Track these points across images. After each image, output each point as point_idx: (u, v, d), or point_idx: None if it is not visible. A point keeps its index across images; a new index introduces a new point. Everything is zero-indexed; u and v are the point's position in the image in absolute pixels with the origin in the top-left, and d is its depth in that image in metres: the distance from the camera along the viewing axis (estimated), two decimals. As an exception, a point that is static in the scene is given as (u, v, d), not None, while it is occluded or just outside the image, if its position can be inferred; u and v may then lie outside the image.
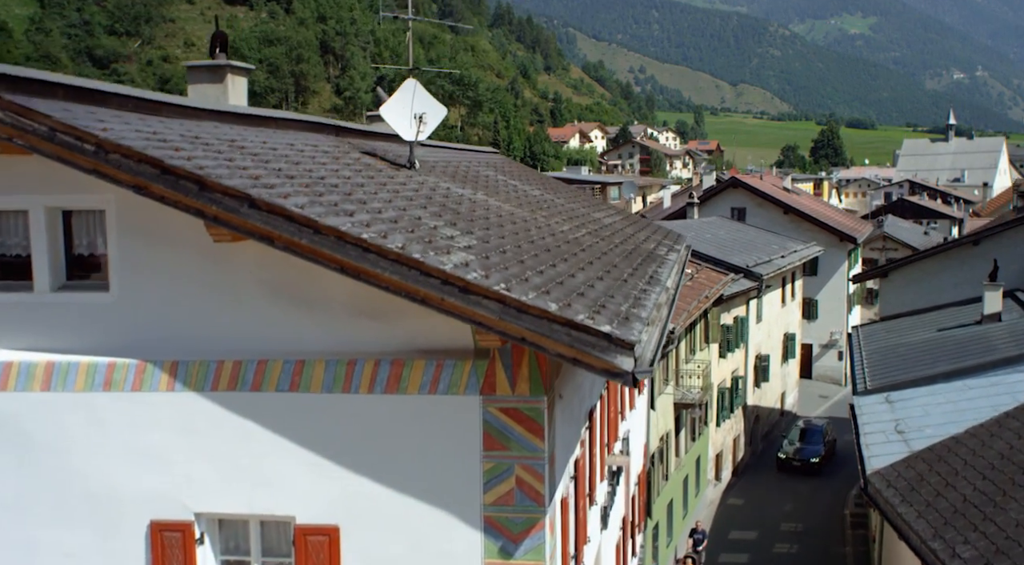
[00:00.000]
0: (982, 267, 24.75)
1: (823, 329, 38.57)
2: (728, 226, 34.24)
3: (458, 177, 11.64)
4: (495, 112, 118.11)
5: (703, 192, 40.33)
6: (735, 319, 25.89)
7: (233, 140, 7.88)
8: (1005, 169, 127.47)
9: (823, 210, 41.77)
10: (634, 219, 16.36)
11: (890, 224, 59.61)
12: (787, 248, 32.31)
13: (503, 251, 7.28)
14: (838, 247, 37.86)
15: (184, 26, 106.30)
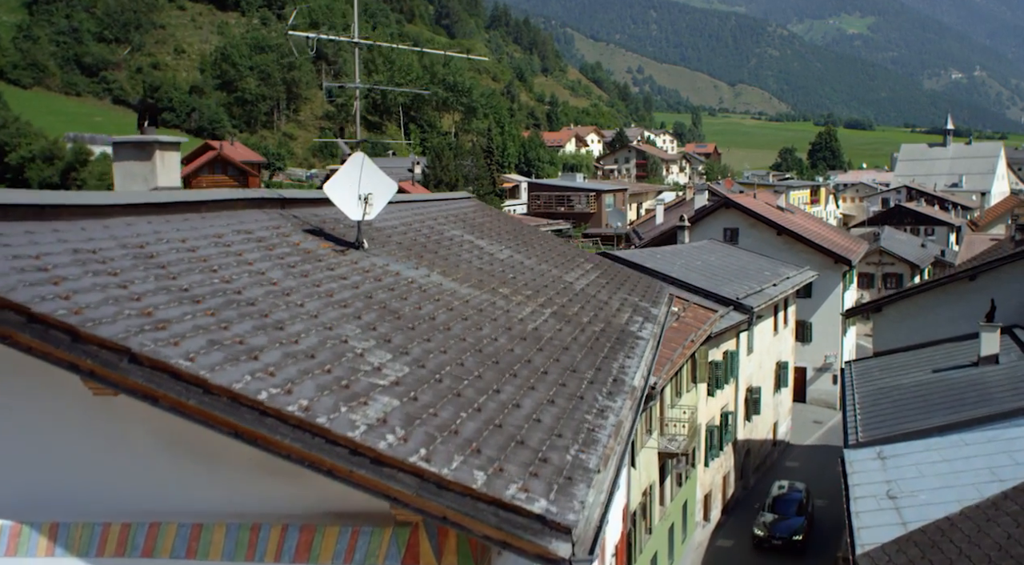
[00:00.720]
0: (979, 302, 24.01)
1: (817, 352, 37.81)
2: (719, 250, 33.46)
3: (415, 250, 10.82)
4: (490, 118, 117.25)
5: (695, 212, 39.58)
6: (725, 354, 25.12)
7: (143, 245, 7.06)
8: (1003, 174, 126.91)
9: (817, 229, 41.00)
10: (612, 272, 15.55)
11: (886, 237, 58.94)
12: (779, 274, 31.53)
13: (439, 380, 6.48)
14: (832, 269, 37.11)
15: (175, 32, 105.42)
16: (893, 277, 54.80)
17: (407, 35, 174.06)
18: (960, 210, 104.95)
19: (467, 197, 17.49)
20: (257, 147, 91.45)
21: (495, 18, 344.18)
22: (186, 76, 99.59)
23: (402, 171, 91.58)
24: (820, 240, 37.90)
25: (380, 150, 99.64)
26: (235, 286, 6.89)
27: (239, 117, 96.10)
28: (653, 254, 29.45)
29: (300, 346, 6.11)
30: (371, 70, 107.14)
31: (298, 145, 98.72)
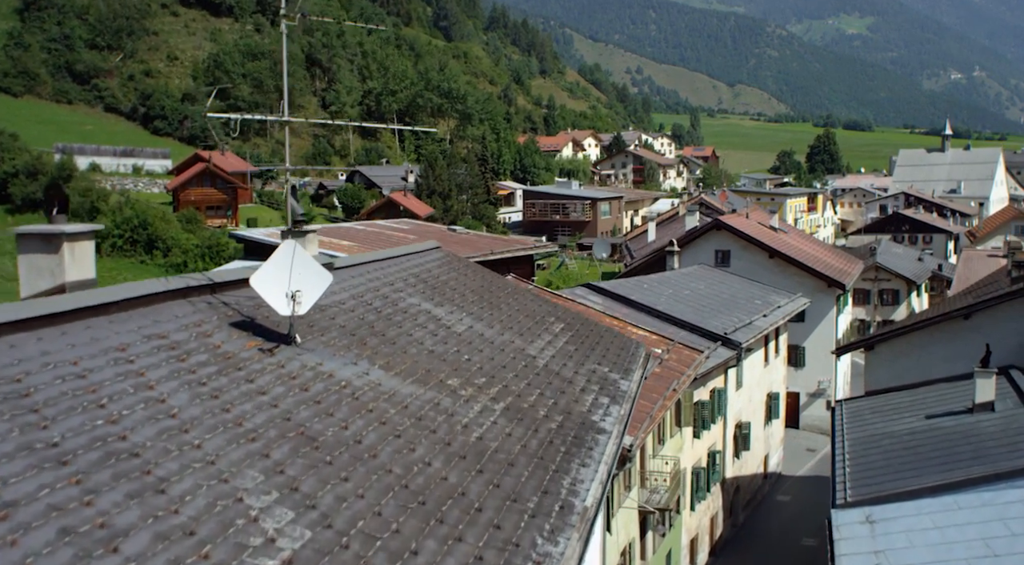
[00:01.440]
0: (974, 341, 23.24)
1: (810, 378, 37.03)
2: (709, 277, 32.67)
3: (359, 334, 9.99)
4: (485, 124, 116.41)
5: (686, 234, 38.79)
6: (712, 392, 24.32)
7: (21, 376, 6.23)
8: (1002, 180, 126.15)
9: (811, 250, 40.20)
10: (585, 332, 14.73)
11: (883, 252, 58.16)
12: (770, 303, 30.73)
13: (345, 545, 5.67)
14: (826, 293, 36.33)
15: (168, 39, 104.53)
16: (889, 293, 54.03)
17: (404, 39, 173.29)
18: (958, 217, 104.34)
19: (434, 247, 16.67)
20: (250, 156, 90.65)
21: (493, 19, 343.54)
22: (178, 83, 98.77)
23: (395, 180, 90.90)
24: (813, 263, 37.10)
25: (374, 158, 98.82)
26: (121, 428, 6.07)
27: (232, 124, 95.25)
28: (640, 284, 28.66)
29: (179, 518, 5.29)
30: (365, 77, 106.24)
31: (292, 153, 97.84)
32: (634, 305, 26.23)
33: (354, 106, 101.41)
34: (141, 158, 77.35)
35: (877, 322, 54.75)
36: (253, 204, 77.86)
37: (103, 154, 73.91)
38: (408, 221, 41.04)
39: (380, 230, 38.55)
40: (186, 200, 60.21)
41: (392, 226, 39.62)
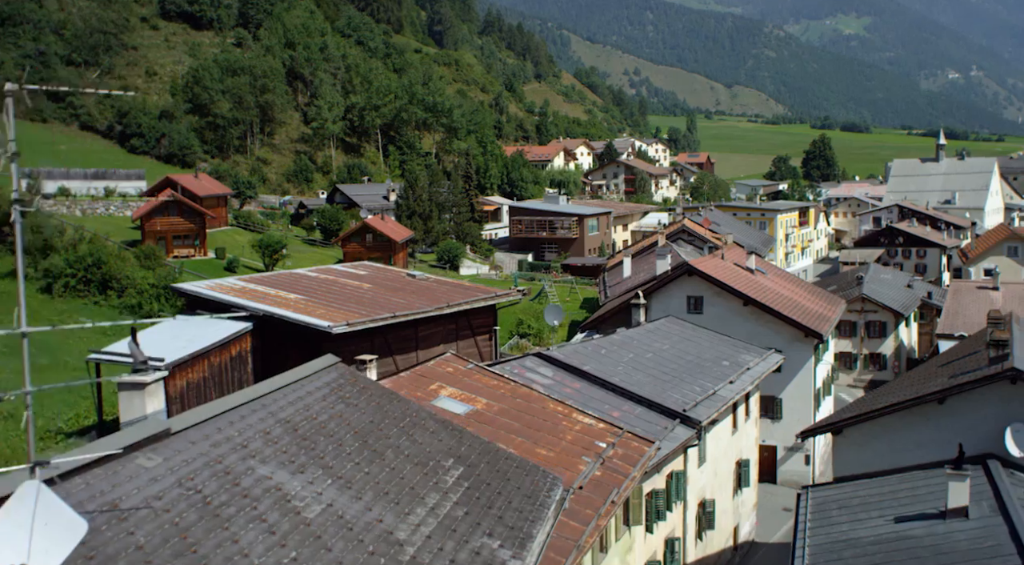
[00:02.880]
0: (949, 426, 21.47)
1: (788, 431, 35.19)
2: (676, 333, 30.82)
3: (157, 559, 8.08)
4: (472, 138, 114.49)
5: (656, 279, 36.94)
6: (669, 477, 22.48)
7: None
8: (997, 190, 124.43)
9: (789, 292, 38.33)
10: (488, 475, 12.87)
11: (871, 279, 56.35)
12: (740, 364, 28.87)
13: None
14: (803, 342, 34.53)
15: (147, 54, 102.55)
16: (876, 325, 52.21)
17: (394, 46, 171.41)
18: (952, 230, 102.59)
19: (330, 365, 14.80)
20: (228, 174, 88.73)
21: (488, 23, 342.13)
22: (157, 99, 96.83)
23: (377, 198, 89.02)
24: (790, 310, 35.27)
25: (356, 174, 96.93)
26: None
27: (211, 142, 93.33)
28: (598, 349, 26.82)
29: None
30: (348, 91, 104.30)
31: (272, 170, 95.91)
32: (588, 377, 24.42)
33: (336, 121, 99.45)
34: (114, 180, 75.44)
35: (864, 356, 52.99)
36: (229, 227, 76.04)
37: (73, 177, 72.03)
38: (366, 265, 39.22)
39: (334, 278, 36.69)
40: (152, 230, 58.36)
41: (348, 272, 37.74)
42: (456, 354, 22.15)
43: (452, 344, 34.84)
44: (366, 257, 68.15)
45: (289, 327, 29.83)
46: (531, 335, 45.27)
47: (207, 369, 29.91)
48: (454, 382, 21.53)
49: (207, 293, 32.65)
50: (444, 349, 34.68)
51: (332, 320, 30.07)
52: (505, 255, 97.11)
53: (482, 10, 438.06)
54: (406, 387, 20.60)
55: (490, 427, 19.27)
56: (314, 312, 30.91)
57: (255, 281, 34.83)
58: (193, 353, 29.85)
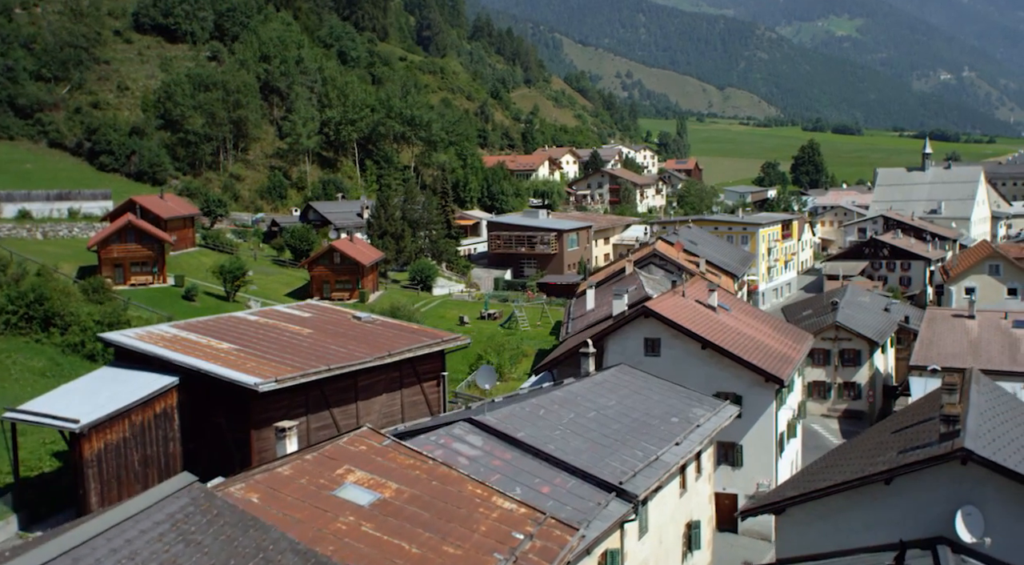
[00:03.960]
0: (896, 506, 20.01)
1: (749, 478, 33.78)
2: (626, 385, 29.32)
3: None
4: (452, 149, 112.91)
5: (613, 321, 35.47)
6: (604, 556, 20.98)
7: None
8: (983, 199, 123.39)
9: (753, 331, 36.84)
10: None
11: (847, 303, 54.93)
12: (691, 420, 27.40)
13: None
14: (764, 386, 33.10)
15: (119, 68, 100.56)
16: (851, 353, 50.81)
17: (379, 55, 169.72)
18: (938, 242, 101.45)
19: (180, 490, 13.21)
20: (200, 192, 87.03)
21: (478, 28, 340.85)
22: (128, 115, 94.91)
23: (351, 215, 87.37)
24: (750, 353, 33.81)
25: (331, 190, 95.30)
26: None
27: (183, 158, 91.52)
28: (536, 410, 25.30)
29: None
30: (324, 105, 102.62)
31: (245, 187, 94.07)
32: (521, 446, 22.92)
33: (311, 136, 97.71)
34: (78, 201, 73.71)
35: (838, 384, 51.61)
36: (196, 249, 74.40)
37: (34, 199, 70.30)
38: (312, 306, 37.71)
39: (275, 322, 35.17)
40: (108, 257, 56.66)
41: (291, 315, 36.21)
42: (373, 428, 20.60)
43: (396, 392, 33.36)
44: (334, 280, 66.72)
45: (216, 382, 28.35)
46: (491, 371, 43.66)
47: (127, 429, 28.39)
48: (365, 463, 19.97)
49: (134, 344, 31.12)
50: (387, 399, 33.24)
51: (261, 375, 28.57)
52: (483, 271, 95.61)
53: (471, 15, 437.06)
54: (309, 473, 19.04)
55: (395, 521, 17.75)
56: (244, 365, 29.39)
57: (189, 328, 33.31)
58: (112, 413, 28.40)
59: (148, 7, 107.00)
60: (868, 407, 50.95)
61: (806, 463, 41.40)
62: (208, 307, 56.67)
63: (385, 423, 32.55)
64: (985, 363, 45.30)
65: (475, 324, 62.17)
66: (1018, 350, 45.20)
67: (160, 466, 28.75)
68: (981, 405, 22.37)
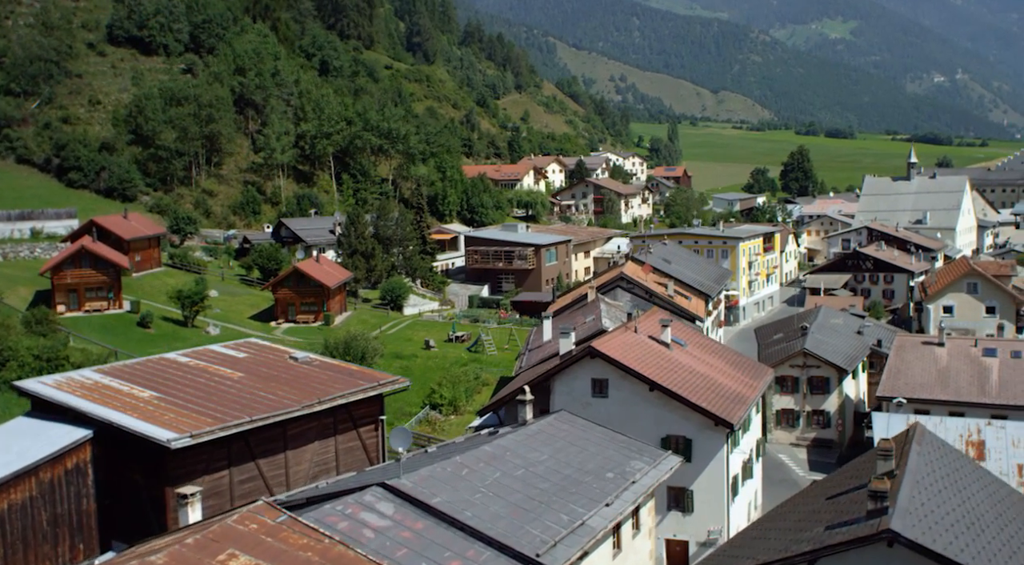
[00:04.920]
0: (823, 589, 18.75)
1: (700, 524, 32.50)
2: (561, 437, 27.98)
3: None
4: (432, 161, 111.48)
5: (560, 360, 34.21)
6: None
7: None
8: (968, 208, 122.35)
9: (707, 369, 35.53)
10: None
11: (817, 329, 53.65)
12: (628, 474, 26.09)
13: None
14: (715, 429, 31.83)
15: (91, 81, 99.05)
16: (819, 380, 49.53)
17: (363, 64, 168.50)
18: (921, 254, 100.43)
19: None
20: (170, 208, 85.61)
21: (468, 34, 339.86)
22: (99, 130, 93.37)
23: (323, 232, 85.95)
24: (702, 392, 32.56)
25: (306, 205, 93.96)
26: None
27: (154, 174, 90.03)
28: (459, 470, 23.96)
29: None
30: (300, 118, 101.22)
31: (218, 202, 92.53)
32: (434, 513, 21.60)
33: (285, 150, 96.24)
34: (41, 220, 72.33)
35: (806, 412, 50.36)
36: (161, 269, 73.02)
37: (-5, 220, 69.00)
38: (250, 345, 36.36)
39: (206, 364, 33.76)
40: (62, 283, 55.29)
41: (225, 356, 34.82)
42: (269, 502, 19.27)
43: (330, 439, 32.01)
44: (299, 302, 65.39)
45: (131, 436, 27.04)
46: (443, 405, 42.38)
47: (35, 487, 27.01)
48: (252, 547, 18.57)
49: (50, 393, 29.77)
50: (320, 446, 31.89)
51: (178, 428, 27.22)
52: (461, 287, 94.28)
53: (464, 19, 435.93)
54: (185, 562, 17.70)
55: (272, 617, 16.47)
56: (161, 417, 28.05)
57: (113, 373, 31.96)
58: (17, 471, 27.05)
59: (122, 19, 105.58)
60: (837, 435, 49.70)
61: (767, 501, 40.15)
62: (164, 334, 55.34)
63: (318, 472, 31.24)
64: (953, 393, 44.14)
65: (441, 348, 60.84)
66: (987, 380, 43.99)
67: (72, 526, 27.38)
68: (920, 471, 21.13)
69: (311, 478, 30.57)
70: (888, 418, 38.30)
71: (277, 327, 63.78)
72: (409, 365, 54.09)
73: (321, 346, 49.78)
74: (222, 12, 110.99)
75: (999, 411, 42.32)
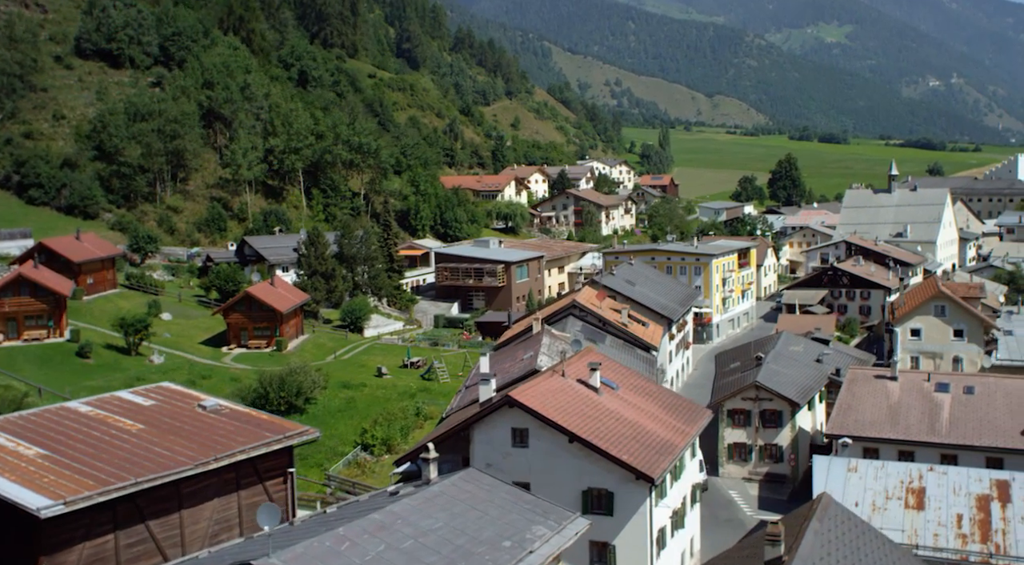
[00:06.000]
0: None
1: (622, 582, 31.17)
2: (462, 501, 26.51)
3: None
4: (407, 174, 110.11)
5: (480, 408, 32.86)
6: None
7: None
8: (950, 221, 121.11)
9: (638, 414, 34.14)
10: None
11: (773, 358, 52.21)
12: (526, 543, 24.64)
13: None
14: (637, 482, 30.47)
15: (57, 95, 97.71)
16: (772, 414, 48.16)
17: (345, 72, 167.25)
18: (899, 269, 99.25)
19: None
20: (132, 226, 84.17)
21: (459, 40, 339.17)
22: (62, 146, 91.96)
23: (287, 251, 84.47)
24: (626, 442, 31.18)
25: (273, 222, 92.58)
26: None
27: (118, 191, 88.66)
28: (340, 544, 22.55)
29: None
30: (268, 133, 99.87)
31: (183, 219, 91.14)
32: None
33: (252, 166, 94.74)
34: (-6, 241, 70.99)
35: (759, 446, 48.98)
36: (116, 290, 71.58)
37: (-57, 242, 67.55)
38: (161, 390, 34.95)
39: (107, 414, 32.35)
40: (0, 312, 53.93)
41: (129, 404, 33.40)
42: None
43: (232, 495, 30.54)
44: (251, 328, 64.01)
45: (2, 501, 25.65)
46: (375, 446, 40.99)
47: None
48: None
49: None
50: (221, 504, 30.38)
51: (54, 494, 25.78)
52: (431, 304, 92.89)
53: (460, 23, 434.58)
54: None
55: None
56: (40, 480, 26.62)
57: (5, 426, 30.51)
58: None
59: (91, 32, 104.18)
60: (791, 470, 48.32)
61: (712, 543, 38.74)
62: (103, 364, 53.93)
63: (218, 530, 29.78)
64: (903, 432, 42.78)
65: (395, 374, 59.43)
66: (938, 418, 42.65)
67: (-58, 596, 25.97)
68: (813, 554, 19.76)
69: (210, 538, 29.12)
70: (829, 462, 36.98)
71: (228, 353, 62.35)
72: (355, 396, 52.67)
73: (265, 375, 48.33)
74: (192, 24, 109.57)
75: (949, 450, 41.05)
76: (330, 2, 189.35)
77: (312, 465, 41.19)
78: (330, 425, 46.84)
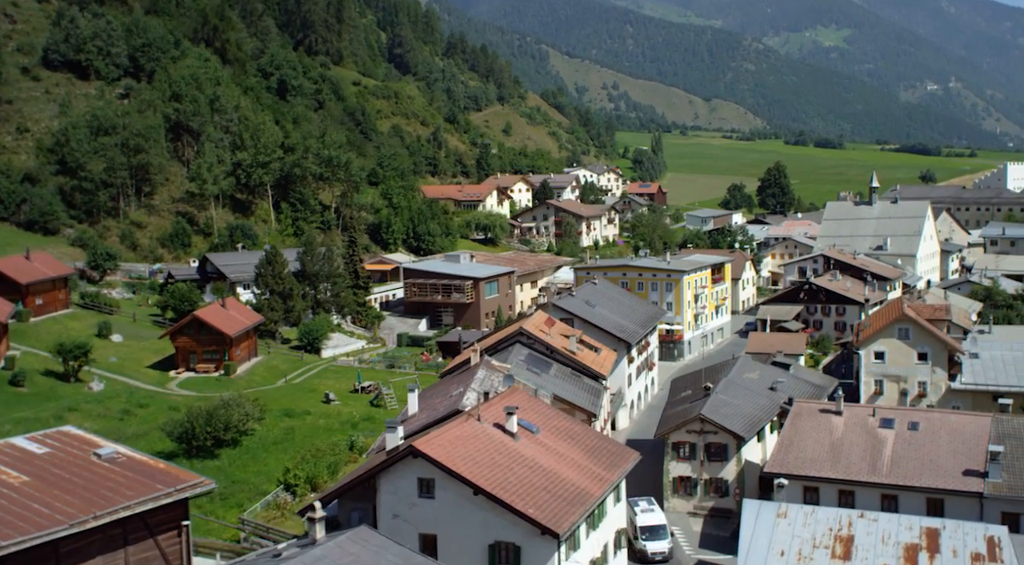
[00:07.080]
0: None
1: (530, 640, 29.85)
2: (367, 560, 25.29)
3: None
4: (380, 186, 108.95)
5: (386, 456, 31.61)
6: None
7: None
8: (931, 234, 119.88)
9: (555, 461, 32.88)
10: None
11: (724, 388, 50.92)
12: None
13: None
14: (543, 537, 29.22)
15: (22, 108, 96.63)
16: (717, 447, 46.86)
17: (328, 80, 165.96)
18: (876, 284, 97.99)
19: None
20: (92, 242, 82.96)
21: (451, 45, 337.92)
22: (25, 159, 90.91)
23: (248, 268, 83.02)
24: (536, 493, 29.92)
25: (239, 238, 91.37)
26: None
27: (80, 205, 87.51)
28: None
29: None
30: (237, 146, 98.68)
31: (147, 234, 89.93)
32: None
33: (219, 180, 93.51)
34: (-55, 260, 69.61)
35: (704, 480, 47.71)
36: (68, 311, 70.36)
37: None
38: (61, 435, 33.67)
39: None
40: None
41: (21, 452, 32.13)
42: None
43: (119, 552, 29.27)
44: (200, 352, 62.78)
45: None
46: (297, 486, 39.68)
47: None
48: None
49: None
50: (105, 561, 29.18)
51: (-92, 559, 24.67)
52: (399, 320, 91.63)
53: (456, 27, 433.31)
54: None
55: None
56: (-102, 544, 25.49)
57: None
58: None
59: (59, 43, 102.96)
60: (736, 506, 46.98)
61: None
62: (38, 392, 52.67)
63: (103, 588, 28.54)
64: (844, 471, 41.43)
65: (344, 399, 58.17)
66: (880, 456, 41.31)
67: None
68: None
69: (92, 597, 27.89)
70: (759, 507, 35.58)
71: (175, 378, 61.10)
72: (295, 426, 51.38)
73: (193, 409, 47.04)
74: (163, 35, 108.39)
75: (889, 490, 39.79)
76: (315, 9, 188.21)
77: (233, 505, 39.89)
78: (261, 459, 45.55)
